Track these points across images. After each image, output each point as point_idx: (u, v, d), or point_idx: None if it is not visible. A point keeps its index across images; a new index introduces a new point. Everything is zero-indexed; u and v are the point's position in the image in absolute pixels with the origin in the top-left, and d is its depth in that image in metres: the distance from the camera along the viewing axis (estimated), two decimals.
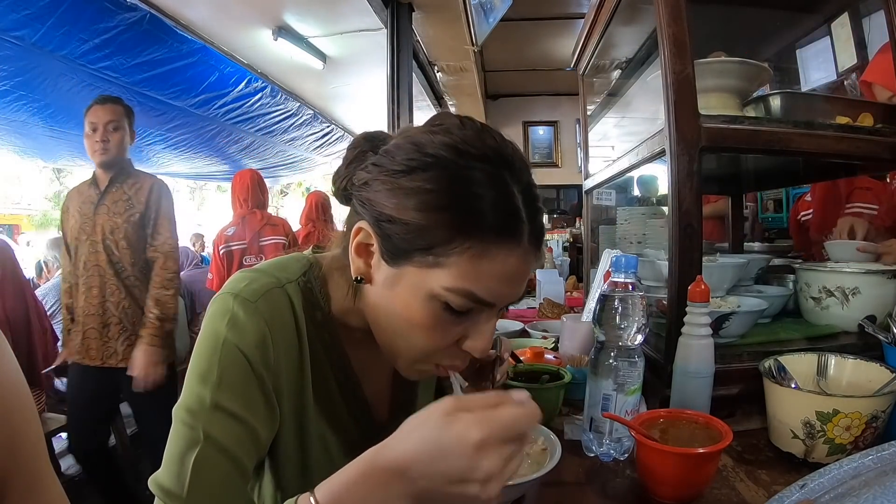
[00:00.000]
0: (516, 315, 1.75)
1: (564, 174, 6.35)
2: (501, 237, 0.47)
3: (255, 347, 0.52)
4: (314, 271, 0.61)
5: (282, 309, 0.56)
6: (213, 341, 0.52)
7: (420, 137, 0.50)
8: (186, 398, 0.51)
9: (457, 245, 0.47)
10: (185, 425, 0.50)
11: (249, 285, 0.55)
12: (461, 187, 0.47)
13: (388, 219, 0.49)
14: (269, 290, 0.55)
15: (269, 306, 0.54)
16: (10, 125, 3.34)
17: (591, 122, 1.82)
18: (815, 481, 0.49)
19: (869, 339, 0.82)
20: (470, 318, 0.51)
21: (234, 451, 0.50)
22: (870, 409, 0.61)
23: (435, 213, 0.47)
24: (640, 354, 0.70)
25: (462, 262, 0.47)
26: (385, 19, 2.91)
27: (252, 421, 0.52)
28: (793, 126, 0.87)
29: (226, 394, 0.51)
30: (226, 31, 3.15)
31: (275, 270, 0.59)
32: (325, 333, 0.60)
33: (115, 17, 2.45)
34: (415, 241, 0.48)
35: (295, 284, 0.58)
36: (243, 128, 4.29)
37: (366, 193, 0.52)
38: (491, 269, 0.48)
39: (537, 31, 4.26)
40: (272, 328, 0.54)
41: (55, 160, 5.09)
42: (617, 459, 0.70)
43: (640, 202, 2.21)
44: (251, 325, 0.52)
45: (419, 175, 0.48)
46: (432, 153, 0.48)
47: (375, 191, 0.51)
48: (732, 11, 1.20)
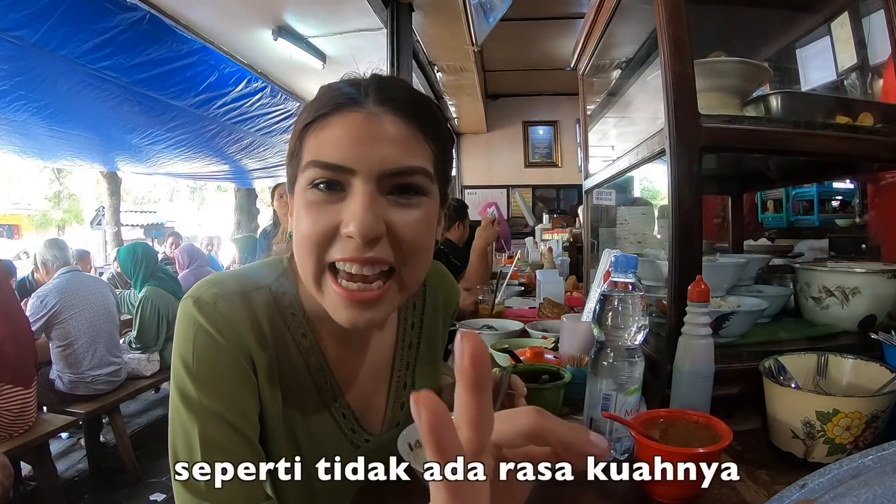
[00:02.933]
0: (516, 315, 1.75)
1: (564, 174, 6.35)
2: (338, 108, 0.51)
3: (221, 337, 0.54)
4: (288, 276, 0.61)
5: (244, 312, 0.56)
6: (183, 347, 0.54)
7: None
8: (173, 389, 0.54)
9: (307, 137, 0.52)
10: (178, 414, 0.53)
11: (210, 290, 0.56)
12: (313, 102, 0.54)
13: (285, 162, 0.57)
14: (228, 294, 0.56)
15: (229, 307, 0.55)
16: (10, 125, 3.34)
17: (590, 122, 1.82)
18: (815, 481, 0.49)
19: (869, 339, 0.82)
20: (343, 198, 0.51)
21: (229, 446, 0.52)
22: (870, 409, 0.61)
23: (294, 129, 0.55)
24: (640, 354, 0.70)
25: (310, 144, 0.52)
26: (385, 19, 2.91)
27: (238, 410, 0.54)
28: (793, 126, 0.87)
29: (207, 394, 0.52)
30: (226, 31, 3.16)
31: (247, 276, 0.60)
32: (302, 339, 0.60)
33: (115, 17, 2.45)
34: (289, 160, 0.55)
35: (265, 290, 0.59)
36: (243, 128, 4.29)
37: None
38: (331, 135, 0.51)
39: (537, 31, 4.26)
40: (234, 325, 0.55)
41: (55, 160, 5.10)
42: (617, 459, 0.70)
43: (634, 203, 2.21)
44: (211, 323, 0.54)
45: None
46: (310, 101, 0.55)
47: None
48: (732, 11, 1.20)
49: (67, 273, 2.65)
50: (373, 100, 0.51)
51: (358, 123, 0.50)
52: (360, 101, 0.51)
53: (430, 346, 0.74)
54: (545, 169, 6.47)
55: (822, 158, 0.99)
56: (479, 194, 6.50)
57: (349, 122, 0.50)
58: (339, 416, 0.62)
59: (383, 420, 0.67)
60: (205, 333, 0.53)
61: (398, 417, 0.68)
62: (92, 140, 4.09)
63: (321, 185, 0.50)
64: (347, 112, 0.51)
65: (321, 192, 0.51)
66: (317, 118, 0.52)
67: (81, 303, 2.56)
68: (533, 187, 6.46)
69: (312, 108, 0.53)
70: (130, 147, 4.36)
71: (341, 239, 0.50)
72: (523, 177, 6.49)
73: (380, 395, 0.67)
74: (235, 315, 0.55)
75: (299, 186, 0.53)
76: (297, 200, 0.53)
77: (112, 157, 4.97)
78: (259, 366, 0.56)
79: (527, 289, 2.42)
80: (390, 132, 0.51)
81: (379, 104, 0.51)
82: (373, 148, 0.50)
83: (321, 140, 0.51)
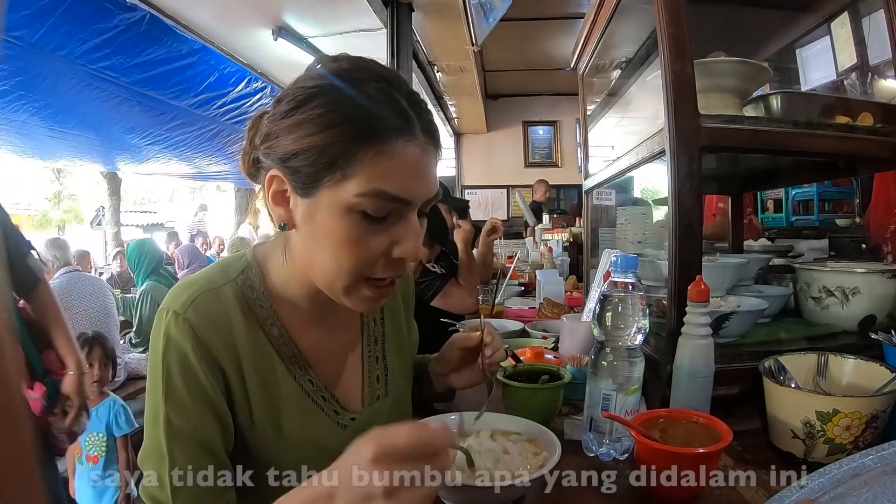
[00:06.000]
0: (516, 315, 1.75)
1: (564, 174, 6.35)
2: (396, 134, 0.51)
3: (193, 355, 0.55)
4: (252, 267, 0.62)
5: (215, 313, 0.57)
6: (154, 361, 0.56)
7: (299, 78, 0.55)
8: (147, 409, 0.56)
9: (358, 153, 0.50)
10: (150, 433, 0.55)
11: (179, 297, 0.57)
12: (350, 102, 0.51)
13: (292, 154, 0.52)
14: (198, 296, 0.57)
15: (197, 314, 0.56)
16: (10, 125, 3.33)
17: (590, 122, 1.82)
18: (815, 481, 0.49)
19: (869, 339, 0.82)
20: (392, 225, 0.54)
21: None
22: (870, 408, 0.61)
23: (331, 130, 0.51)
24: (640, 354, 0.70)
25: (367, 167, 0.51)
26: (385, 19, 2.91)
27: (201, 431, 0.55)
28: (793, 126, 0.87)
29: (177, 412, 0.54)
30: (226, 31, 3.16)
31: (213, 273, 0.61)
32: (272, 328, 0.61)
33: (114, 17, 2.45)
34: (318, 161, 0.51)
35: (232, 284, 0.60)
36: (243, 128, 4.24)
37: (267, 145, 0.55)
38: (394, 165, 0.51)
39: (537, 31, 4.26)
40: (204, 333, 0.56)
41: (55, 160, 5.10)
42: (617, 459, 0.70)
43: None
44: (183, 336, 0.55)
45: (308, 105, 0.52)
46: (314, 84, 0.53)
47: (275, 137, 0.54)
48: (732, 11, 1.20)
49: (68, 274, 2.65)
50: (420, 128, 0.53)
51: (417, 158, 0.53)
52: (412, 129, 0.53)
53: (392, 319, 0.77)
54: (545, 169, 6.46)
55: (822, 158, 0.99)
56: (479, 194, 6.51)
57: (410, 156, 0.52)
58: (320, 399, 0.64)
59: (363, 396, 0.69)
60: (176, 350, 0.55)
61: (377, 391, 0.70)
62: (92, 140, 4.09)
63: (374, 211, 0.52)
64: (406, 142, 0.52)
65: (371, 218, 0.52)
66: (371, 139, 0.51)
67: (82, 304, 2.56)
68: (533, 187, 6.46)
69: (352, 117, 0.51)
70: (130, 147, 4.36)
71: (387, 259, 0.55)
72: (523, 177, 6.49)
73: (355, 373, 0.70)
74: (207, 319, 0.56)
75: (336, 200, 0.52)
76: (331, 214, 0.52)
77: (112, 157, 4.97)
78: (231, 373, 0.58)
79: (527, 289, 2.42)
80: (433, 166, 0.56)
81: (426, 136, 0.54)
82: (426, 182, 0.55)
83: (385, 169, 0.51)
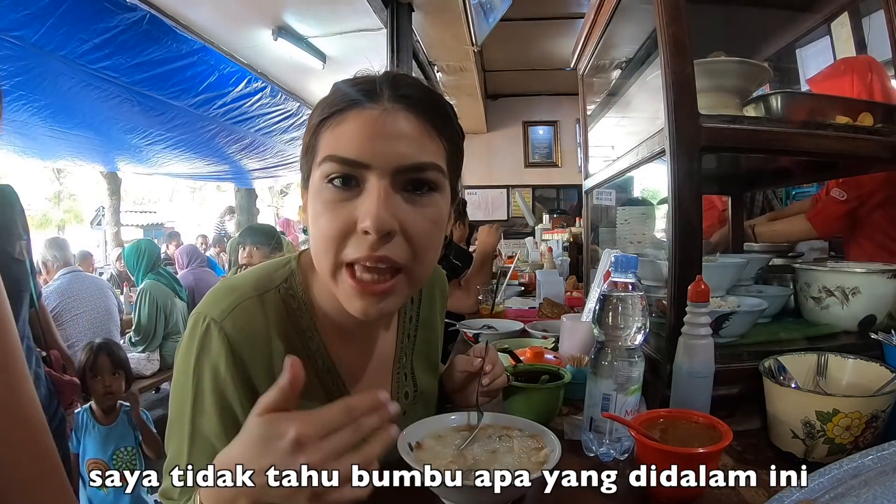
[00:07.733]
0: (516, 315, 1.75)
1: (564, 174, 6.35)
2: (353, 105, 0.52)
3: (225, 369, 0.54)
4: (296, 276, 0.61)
5: (253, 324, 0.56)
6: (185, 365, 0.55)
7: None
8: (172, 412, 0.55)
9: (323, 132, 0.53)
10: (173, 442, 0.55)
11: (220, 303, 0.56)
12: (329, 99, 0.55)
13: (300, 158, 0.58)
14: (238, 304, 0.56)
15: (235, 326, 0.55)
16: (10, 125, 3.34)
17: (590, 122, 1.82)
18: (815, 481, 0.49)
19: (869, 339, 0.82)
20: (357, 193, 0.52)
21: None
22: (870, 408, 0.61)
23: (310, 124, 0.55)
24: (640, 354, 0.70)
25: (327, 138, 0.53)
26: (385, 19, 2.91)
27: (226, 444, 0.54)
28: (793, 126, 0.87)
29: (202, 418, 0.53)
30: (226, 31, 3.16)
31: (258, 279, 0.60)
32: (310, 341, 0.60)
33: (114, 18, 2.45)
34: (304, 155, 0.56)
35: (275, 292, 0.59)
36: (243, 128, 4.29)
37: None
38: (347, 130, 0.52)
39: (537, 31, 4.26)
40: (241, 346, 0.55)
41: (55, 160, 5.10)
42: (617, 459, 0.70)
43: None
44: (217, 348, 0.54)
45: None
46: (324, 97, 0.56)
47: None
48: (732, 11, 1.20)
49: (68, 274, 2.65)
50: (387, 97, 0.53)
51: (374, 120, 0.51)
52: (375, 97, 0.52)
53: (426, 337, 0.77)
54: (545, 169, 6.46)
55: (822, 158, 0.99)
56: (478, 194, 6.50)
57: (365, 118, 0.51)
58: None
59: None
60: (208, 362, 0.54)
61: (403, 408, 0.70)
62: (92, 140, 4.09)
63: (336, 179, 0.52)
64: (363, 108, 0.52)
65: (336, 189, 0.52)
66: (332, 114, 0.53)
67: (82, 304, 2.56)
68: (533, 187, 6.46)
69: (327, 104, 0.54)
70: (130, 147, 4.36)
71: (357, 236, 0.51)
72: (523, 177, 6.49)
73: (384, 389, 0.69)
74: (245, 332, 0.55)
75: (314, 181, 0.54)
76: (312, 196, 0.54)
77: (112, 157, 4.98)
78: (263, 388, 0.56)
79: (527, 289, 2.42)
80: (405, 129, 0.52)
81: (394, 101, 0.52)
82: (388, 144, 0.51)
83: (337, 135, 0.52)
